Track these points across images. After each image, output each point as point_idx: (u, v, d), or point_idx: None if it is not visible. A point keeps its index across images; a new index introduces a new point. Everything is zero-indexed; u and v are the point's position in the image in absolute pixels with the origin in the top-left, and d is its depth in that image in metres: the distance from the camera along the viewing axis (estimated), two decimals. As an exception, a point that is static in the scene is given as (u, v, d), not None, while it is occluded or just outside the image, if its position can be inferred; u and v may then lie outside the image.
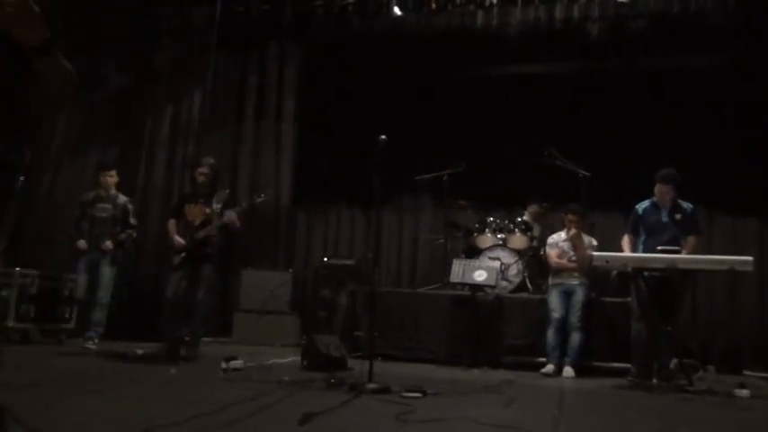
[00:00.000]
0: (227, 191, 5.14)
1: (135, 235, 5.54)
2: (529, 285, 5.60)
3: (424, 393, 3.22)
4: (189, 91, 6.91)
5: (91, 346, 4.94)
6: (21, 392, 2.69)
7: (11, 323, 4.90)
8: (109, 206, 5.35)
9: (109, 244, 5.20)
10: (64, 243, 5.66)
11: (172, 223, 5.01)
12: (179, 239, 4.86)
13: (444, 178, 6.02)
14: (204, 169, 4.98)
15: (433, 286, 5.85)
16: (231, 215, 4.81)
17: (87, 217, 5.30)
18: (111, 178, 5.43)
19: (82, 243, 5.20)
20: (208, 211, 4.87)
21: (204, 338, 5.03)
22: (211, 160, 5.11)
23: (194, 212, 4.95)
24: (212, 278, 4.89)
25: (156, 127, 6.88)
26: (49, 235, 6.26)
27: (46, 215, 6.41)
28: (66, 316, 5.46)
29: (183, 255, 4.81)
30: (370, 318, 4.78)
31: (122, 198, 5.46)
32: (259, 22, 6.94)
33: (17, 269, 5.09)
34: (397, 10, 6.70)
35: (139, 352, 4.66)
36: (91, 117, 6.64)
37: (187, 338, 4.66)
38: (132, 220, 5.44)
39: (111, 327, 5.27)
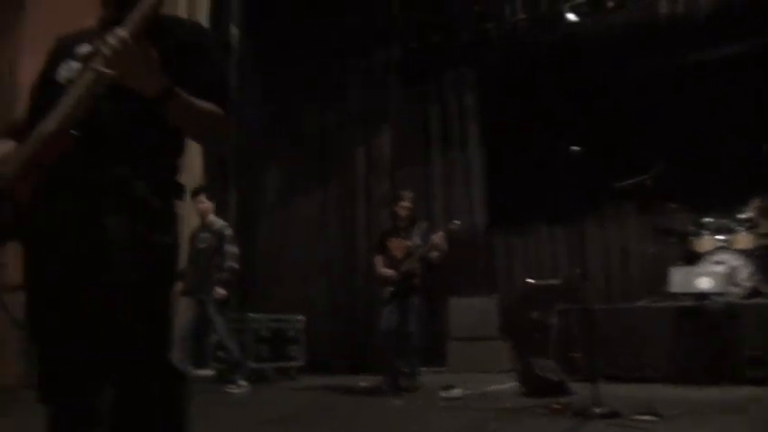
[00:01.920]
0: (426, 223, 5.27)
1: (236, 266, 5.06)
2: (764, 289, 5.01)
3: (659, 416, 2.99)
4: (378, 129, 7.23)
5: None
6: (276, 426, 2.93)
7: (252, 364, 5.35)
8: (207, 235, 5.10)
9: (220, 291, 4.90)
10: (284, 285, 6.15)
11: (378, 259, 5.23)
12: (386, 272, 5.06)
13: (647, 182, 5.63)
14: (406, 203, 5.17)
15: (652, 298, 5.46)
16: (438, 236, 4.93)
17: (192, 251, 5.08)
18: (203, 204, 5.13)
19: (218, 292, 4.86)
20: (409, 244, 5.02)
21: (420, 368, 5.14)
22: (411, 194, 5.29)
23: (397, 246, 5.14)
24: (421, 309, 5.01)
25: (351, 167, 7.28)
26: (268, 278, 6.85)
27: (266, 259, 7.02)
28: (295, 355, 5.88)
29: (392, 289, 5.00)
30: (587, 337, 4.58)
31: (218, 223, 5.17)
32: (434, 54, 7.11)
33: (250, 314, 5.60)
34: (571, 16, 6.48)
35: (363, 385, 4.88)
36: (295, 161, 7.23)
37: (405, 370, 4.80)
38: (230, 248, 5.05)
39: (332, 360, 5.56)
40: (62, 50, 1.73)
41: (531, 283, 6.16)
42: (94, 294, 1.48)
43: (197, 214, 5.16)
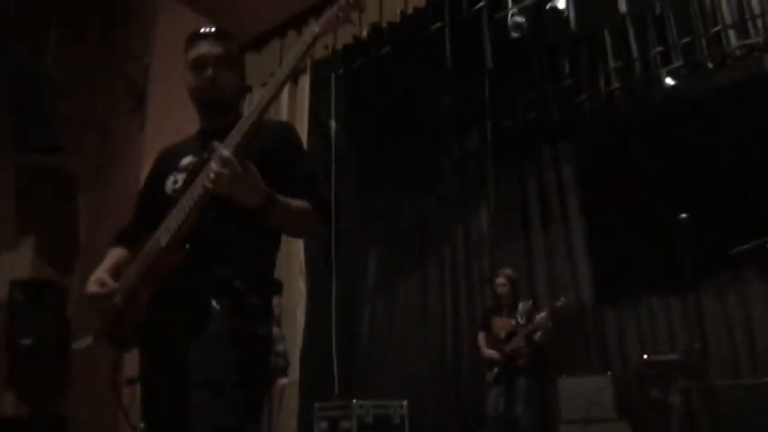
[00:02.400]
0: (530, 301, 5.19)
1: (281, 361, 4.71)
2: None
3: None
4: (475, 209, 7.27)
5: None
6: None
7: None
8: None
9: (284, 382, 4.77)
10: (387, 370, 6.13)
11: (481, 337, 5.17)
12: (490, 352, 4.97)
13: (767, 245, 5.27)
14: (501, 279, 5.14)
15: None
16: (541, 318, 4.82)
17: None
18: None
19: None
20: (513, 323, 4.94)
21: (532, 454, 4.93)
22: (508, 270, 5.24)
23: (501, 325, 5.07)
24: (529, 391, 4.85)
25: (450, 248, 7.31)
26: (371, 364, 6.88)
27: (369, 344, 7.09)
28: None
29: (497, 370, 4.89)
30: (712, 418, 4.25)
31: None
32: (529, 131, 7.15)
33: (354, 401, 5.62)
34: (669, 80, 6.36)
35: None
36: (394, 246, 7.36)
37: (515, 456, 4.62)
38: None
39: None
40: (167, 161, 1.95)
41: (646, 359, 5.81)
42: (197, 386, 1.62)
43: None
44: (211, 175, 1.56)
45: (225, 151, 1.56)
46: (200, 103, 1.95)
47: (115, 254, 1.93)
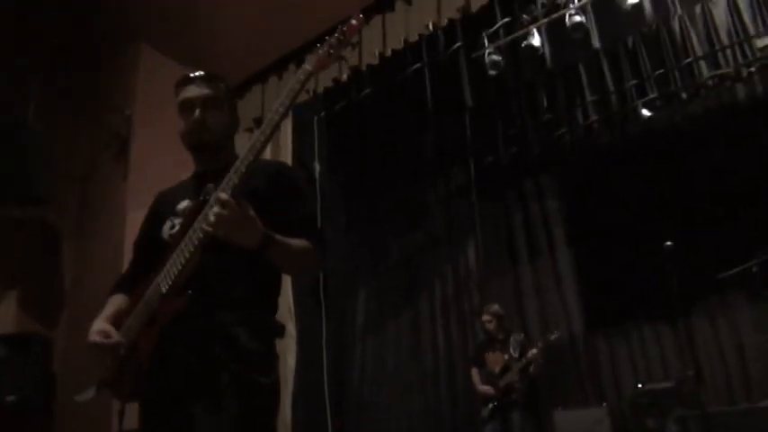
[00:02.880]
0: (522, 334, 5.17)
1: None
2: None
3: None
4: (463, 244, 7.28)
5: None
6: None
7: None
8: None
9: None
10: (381, 408, 6.02)
11: (474, 372, 5.13)
12: (484, 388, 4.92)
13: (754, 269, 5.30)
14: (487, 317, 5.13)
15: (779, 396, 4.98)
16: (534, 353, 4.80)
17: None
18: None
19: None
20: (506, 357, 4.91)
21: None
22: (494, 307, 5.24)
23: (494, 360, 5.04)
24: (525, 425, 4.79)
25: (440, 284, 7.30)
26: (365, 403, 6.78)
27: (361, 384, 6.99)
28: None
29: (491, 405, 4.84)
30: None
31: None
32: (511, 166, 7.23)
33: (349, 443, 5.53)
34: (645, 111, 6.49)
35: None
36: (383, 285, 7.33)
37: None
38: None
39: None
40: (163, 206, 1.94)
41: (641, 388, 5.78)
42: None
43: None
44: (211, 217, 1.55)
45: (223, 194, 1.56)
46: (191, 146, 1.95)
47: (115, 301, 1.90)
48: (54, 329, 5.50)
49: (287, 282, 5.73)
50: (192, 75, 1.97)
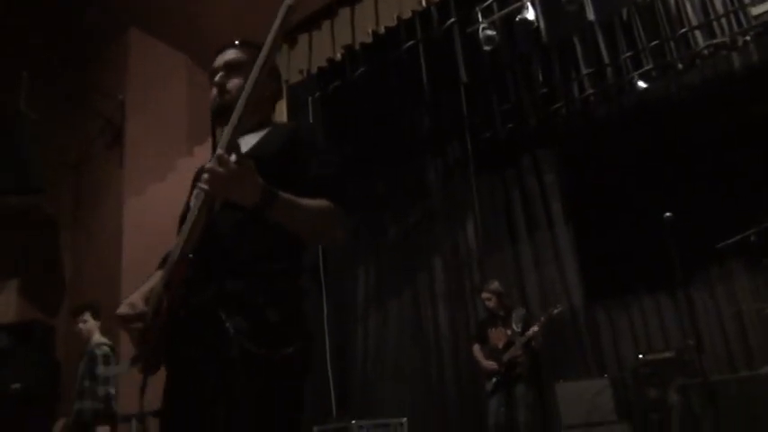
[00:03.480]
0: (524, 309, 5.18)
1: (112, 391, 4.23)
2: None
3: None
4: (461, 222, 7.28)
5: None
6: None
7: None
8: (82, 362, 4.34)
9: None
10: (384, 387, 6.07)
11: (476, 349, 5.15)
12: (489, 363, 4.95)
13: (752, 238, 5.31)
14: (486, 294, 5.14)
15: (779, 363, 5.02)
16: (534, 330, 4.82)
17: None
18: (85, 324, 4.42)
19: None
20: (509, 332, 4.93)
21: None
22: (493, 284, 5.24)
23: (497, 336, 5.06)
24: (529, 399, 4.83)
25: (440, 262, 7.31)
26: (367, 382, 6.83)
27: (363, 363, 7.04)
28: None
29: (495, 380, 4.87)
30: (712, 414, 4.25)
31: (93, 342, 4.37)
32: (508, 141, 7.20)
33: (353, 422, 5.55)
34: (641, 83, 6.45)
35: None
36: (383, 263, 7.35)
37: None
38: (105, 370, 4.20)
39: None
40: (197, 176, 1.86)
41: (642, 359, 5.82)
42: (217, 411, 1.51)
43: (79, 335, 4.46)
44: (205, 175, 1.48)
45: (219, 149, 1.50)
46: (213, 111, 1.88)
47: (154, 276, 1.85)
48: (55, 317, 5.52)
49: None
50: (226, 43, 1.94)
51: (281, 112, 6.07)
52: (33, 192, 5.35)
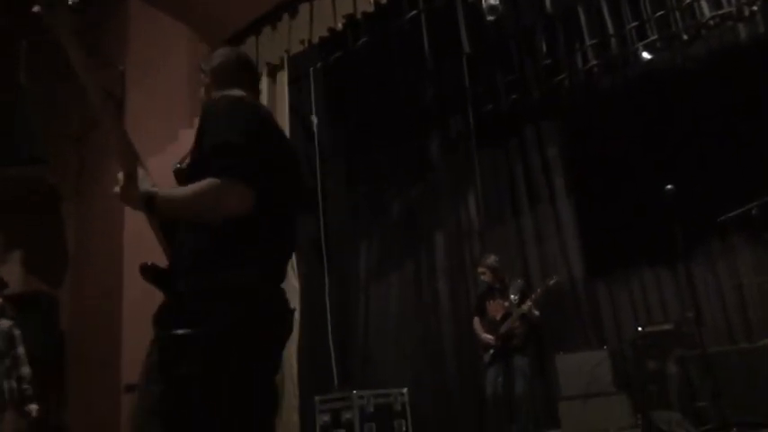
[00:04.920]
0: (521, 280, 5.20)
1: (26, 386, 4.23)
2: None
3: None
4: (463, 195, 7.27)
5: None
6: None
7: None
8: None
9: (32, 407, 4.20)
10: (386, 359, 6.13)
11: (476, 321, 5.19)
12: (486, 336, 4.99)
13: (754, 211, 5.30)
14: (481, 269, 5.16)
15: (777, 335, 5.05)
16: (528, 305, 4.85)
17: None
18: None
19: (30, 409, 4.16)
20: (507, 304, 4.96)
21: (535, 432, 4.96)
22: (489, 259, 5.25)
23: (495, 308, 5.09)
24: (527, 369, 4.88)
25: (442, 235, 7.32)
26: (369, 354, 6.91)
27: (365, 336, 7.11)
28: (403, 429, 5.82)
29: (492, 351, 4.91)
30: (711, 384, 4.30)
31: (4, 323, 4.33)
32: (510, 113, 7.15)
33: (354, 392, 5.62)
34: (645, 54, 6.38)
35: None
36: (386, 237, 7.37)
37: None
38: (20, 351, 4.26)
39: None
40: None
41: (641, 331, 5.86)
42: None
43: None
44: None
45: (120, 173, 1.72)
46: None
47: None
48: (59, 289, 5.56)
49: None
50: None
51: (282, 83, 6.05)
52: (35, 163, 5.36)
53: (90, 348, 5.11)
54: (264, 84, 5.96)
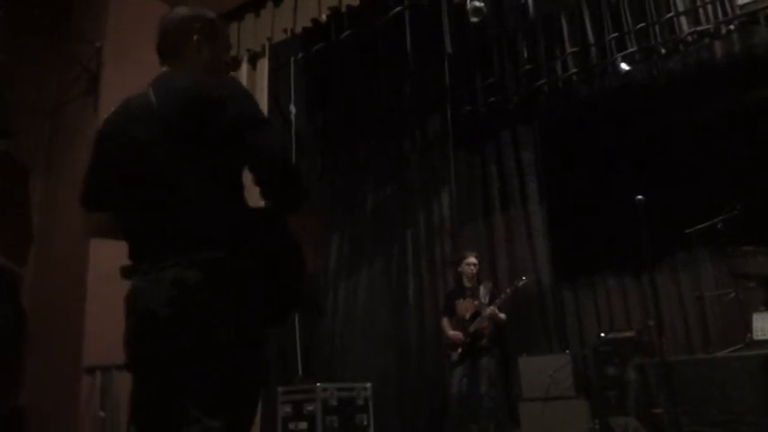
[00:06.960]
0: (491, 283, 5.26)
1: None
2: None
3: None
4: (437, 194, 7.30)
5: None
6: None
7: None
8: None
9: None
10: (350, 354, 6.13)
11: (444, 321, 5.23)
12: (455, 334, 5.03)
13: (719, 226, 5.43)
14: (472, 259, 5.21)
15: (735, 348, 5.17)
16: (491, 310, 4.90)
17: None
18: None
19: None
20: (476, 303, 5.01)
21: (494, 432, 5.02)
22: (474, 253, 5.31)
23: (464, 307, 5.14)
24: (492, 370, 4.93)
25: (413, 233, 7.34)
26: (334, 348, 6.91)
27: (332, 330, 7.11)
28: (365, 423, 5.83)
29: (460, 350, 4.95)
30: (668, 392, 4.39)
31: None
32: (488, 115, 7.20)
33: (318, 384, 5.62)
34: (624, 66, 6.47)
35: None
36: (357, 232, 7.36)
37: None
38: None
39: (403, 427, 5.49)
40: None
41: (603, 337, 5.97)
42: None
43: None
44: None
45: None
46: None
47: None
48: (23, 266, 5.45)
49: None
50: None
51: (263, 71, 6.00)
52: (3, 137, 5.23)
53: (52, 328, 5.02)
54: (244, 70, 5.91)
